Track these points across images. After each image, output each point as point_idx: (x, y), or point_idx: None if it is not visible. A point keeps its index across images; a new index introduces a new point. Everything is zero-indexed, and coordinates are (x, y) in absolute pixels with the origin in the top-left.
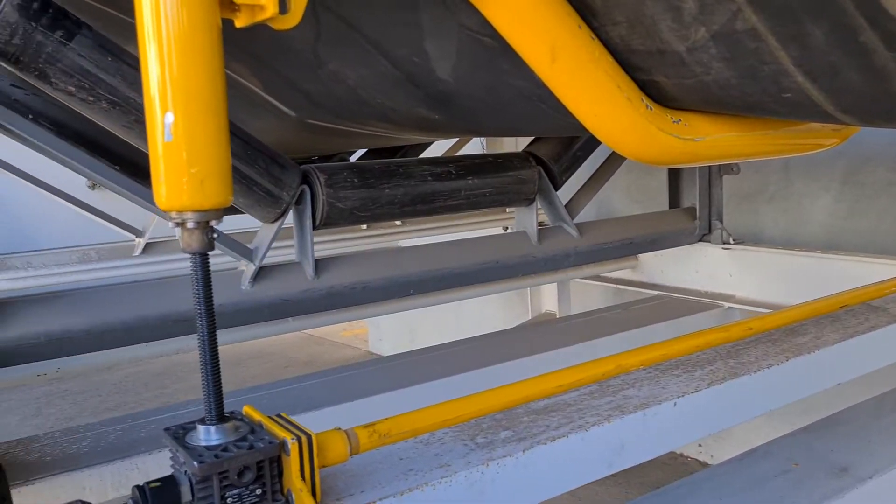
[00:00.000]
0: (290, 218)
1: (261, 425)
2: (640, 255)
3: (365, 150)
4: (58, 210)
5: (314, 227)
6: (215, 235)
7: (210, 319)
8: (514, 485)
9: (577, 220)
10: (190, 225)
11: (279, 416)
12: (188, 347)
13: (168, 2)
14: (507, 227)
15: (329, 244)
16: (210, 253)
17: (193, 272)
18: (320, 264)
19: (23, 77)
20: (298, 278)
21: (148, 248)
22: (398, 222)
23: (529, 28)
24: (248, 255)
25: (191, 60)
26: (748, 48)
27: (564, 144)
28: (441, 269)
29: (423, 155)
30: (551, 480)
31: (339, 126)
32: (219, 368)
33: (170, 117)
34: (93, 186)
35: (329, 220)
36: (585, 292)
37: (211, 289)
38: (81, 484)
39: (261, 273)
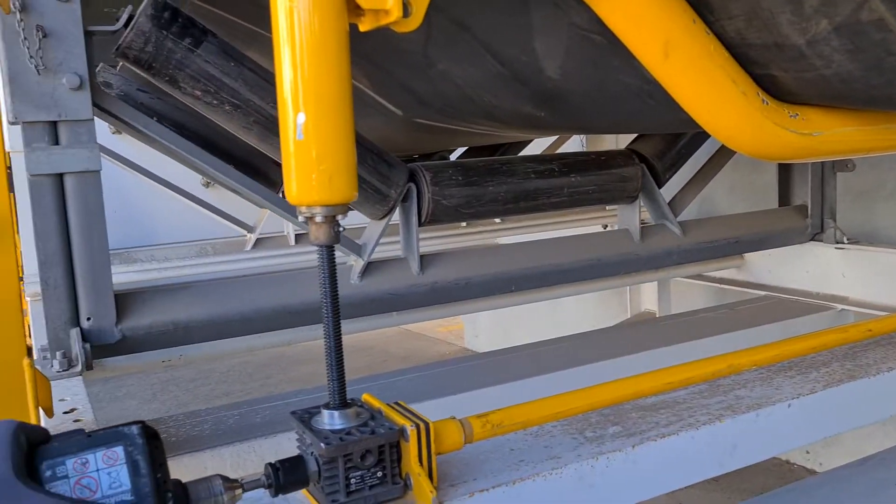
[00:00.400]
0: (395, 215)
1: (380, 412)
2: (746, 254)
3: (465, 148)
4: (176, 207)
5: (419, 224)
6: (341, 229)
7: (335, 309)
8: (623, 479)
9: (680, 218)
10: (318, 219)
11: (397, 403)
12: (297, 339)
13: (301, 8)
14: (606, 225)
15: (429, 241)
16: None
17: (320, 264)
18: (425, 260)
19: (154, 82)
20: (404, 273)
21: (258, 243)
22: (497, 220)
23: (643, 24)
24: (357, 250)
25: (321, 63)
26: (874, 39)
27: (668, 141)
28: (543, 266)
29: (523, 153)
30: (661, 477)
31: (443, 125)
32: (342, 357)
33: (301, 117)
34: (207, 184)
35: (434, 217)
36: (687, 291)
37: (336, 280)
38: (203, 464)
39: (369, 268)
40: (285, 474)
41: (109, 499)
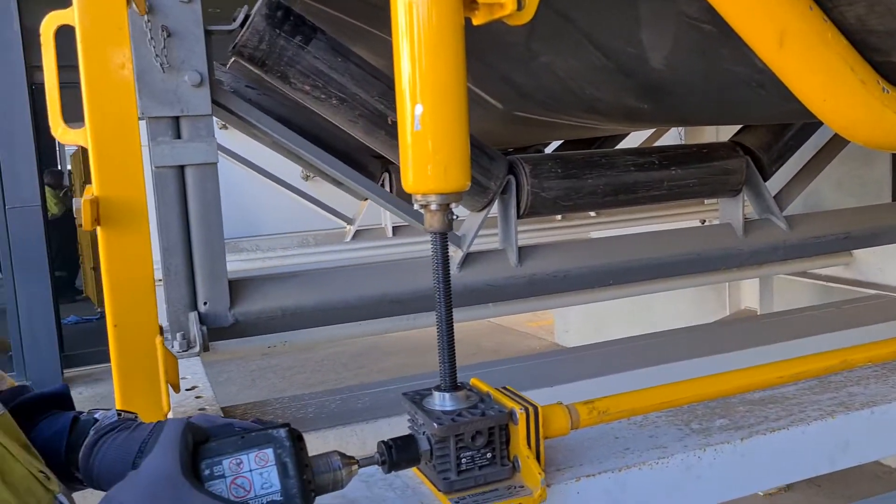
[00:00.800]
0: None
1: (489, 396)
2: (855, 251)
3: (561, 142)
4: (278, 199)
5: (518, 216)
6: (455, 217)
7: (447, 294)
8: (731, 472)
9: (785, 213)
10: (433, 207)
11: (506, 388)
12: (394, 328)
13: (419, 4)
14: (703, 221)
15: (523, 234)
16: (419, 240)
17: (434, 250)
18: (523, 252)
19: (266, 79)
20: (503, 265)
21: (357, 234)
22: (592, 213)
23: (757, 12)
24: (456, 241)
25: (438, 57)
26: None
27: (775, 133)
28: (642, 260)
29: (621, 144)
30: (770, 471)
31: (543, 118)
32: (454, 341)
33: (419, 109)
34: (306, 178)
35: (532, 210)
36: (790, 289)
37: (448, 266)
38: (308, 446)
39: (468, 259)
40: (398, 452)
41: (261, 498)
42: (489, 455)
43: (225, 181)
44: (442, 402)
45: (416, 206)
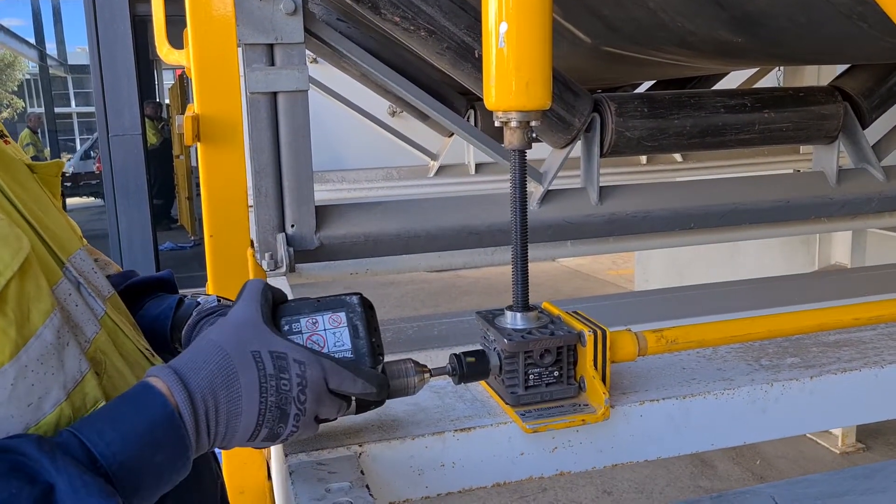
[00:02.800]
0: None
1: (559, 318)
2: None
3: (651, 84)
4: (364, 134)
5: (601, 155)
6: (534, 135)
7: (523, 214)
8: (797, 408)
9: (884, 163)
10: (513, 124)
11: (576, 312)
12: (474, 262)
13: None
14: (797, 170)
15: (606, 177)
16: (501, 178)
17: (512, 167)
18: (604, 191)
19: (358, 9)
20: (583, 203)
21: (440, 170)
22: (678, 157)
23: None
24: (538, 177)
25: None
26: None
27: (877, 78)
28: (726, 205)
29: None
30: (838, 411)
31: (632, 53)
32: (527, 261)
33: (504, 26)
34: (392, 114)
35: (616, 149)
36: (884, 244)
37: (526, 185)
38: None
39: (548, 196)
40: (469, 365)
41: (334, 354)
42: (556, 373)
43: (313, 115)
44: (514, 320)
45: (497, 124)
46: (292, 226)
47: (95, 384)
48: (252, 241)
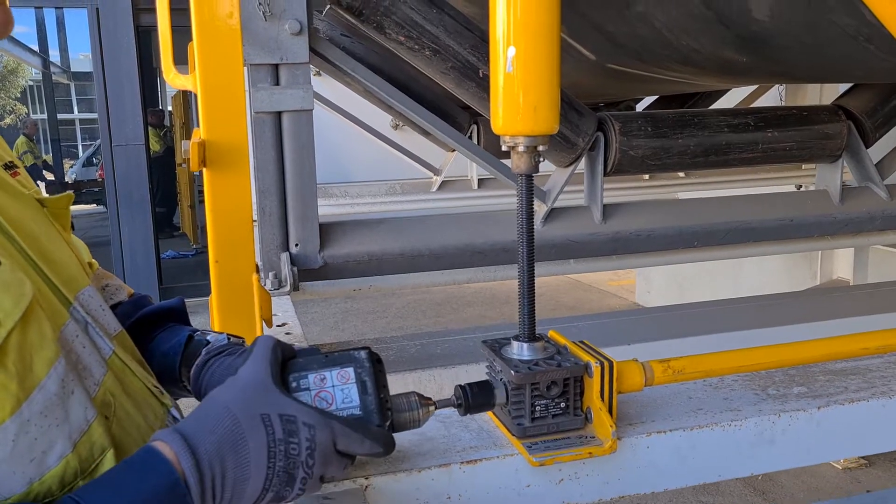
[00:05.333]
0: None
1: (566, 348)
2: None
3: (654, 100)
4: (368, 147)
5: (605, 174)
6: (541, 160)
7: (529, 239)
8: (805, 439)
9: (888, 181)
10: (520, 148)
11: (582, 342)
12: (478, 278)
13: None
14: (799, 186)
15: (610, 192)
16: (504, 193)
17: (519, 192)
18: (608, 209)
19: (362, 28)
20: (586, 221)
21: (443, 185)
22: (681, 174)
23: None
24: (541, 196)
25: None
26: None
27: (881, 96)
28: (730, 223)
29: (715, 105)
30: (846, 442)
31: (636, 70)
32: (534, 291)
33: (512, 51)
34: (395, 127)
35: (620, 168)
36: (886, 259)
37: (532, 209)
38: (389, 386)
39: (552, 214)
40: (474, 396)
41: (342, 411)
42: (563, 405)
43: (317, 127)
44: (520, 351)
45: (504, 148)
46: (296, 245)
47: (102, 431)
48: (257, 266)
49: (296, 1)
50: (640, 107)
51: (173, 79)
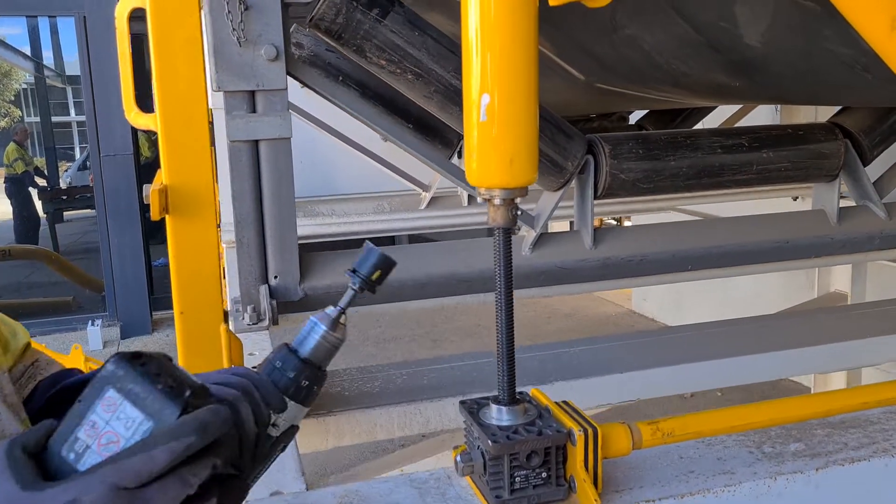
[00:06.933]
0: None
1: (548, 410)
2: None
3: (644, 114)
4: (356, 160)
5: (595, 197)
6: (519, 212)
7: (508, 297)
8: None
9: (886, 200)
10: (497, 202)
11: (565, 402)
12: (465, 301)
13: None
14: (796, 197)
15: (600, 207)
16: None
17: (496, 246)
18: (599, 234)
19: (342, 52)
20: (576, 247)
21: (433, 201)
22: None
23: None
24: (529, 221)
25: (508, 46)
26: None
27: (878, 116)
28: (724, 246)
29: (706, 119)
30: None
31: (626, 90)
32: (514, 353)
33: (486, 98)
34: (385, 139)
35: (610, 191)
36: (885, 274)
37: (511, 265)
38: (374, 421)
39: (541, 240)
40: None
41: (133, 437)
42: (545, 475)
43: (303, 139)
44: (499, 416)
45: (479, 200)
46: (275, 277)
47: None
48: (225, 314)
49: (272, 25)
50: (632, 118)
51: (135, 118)
